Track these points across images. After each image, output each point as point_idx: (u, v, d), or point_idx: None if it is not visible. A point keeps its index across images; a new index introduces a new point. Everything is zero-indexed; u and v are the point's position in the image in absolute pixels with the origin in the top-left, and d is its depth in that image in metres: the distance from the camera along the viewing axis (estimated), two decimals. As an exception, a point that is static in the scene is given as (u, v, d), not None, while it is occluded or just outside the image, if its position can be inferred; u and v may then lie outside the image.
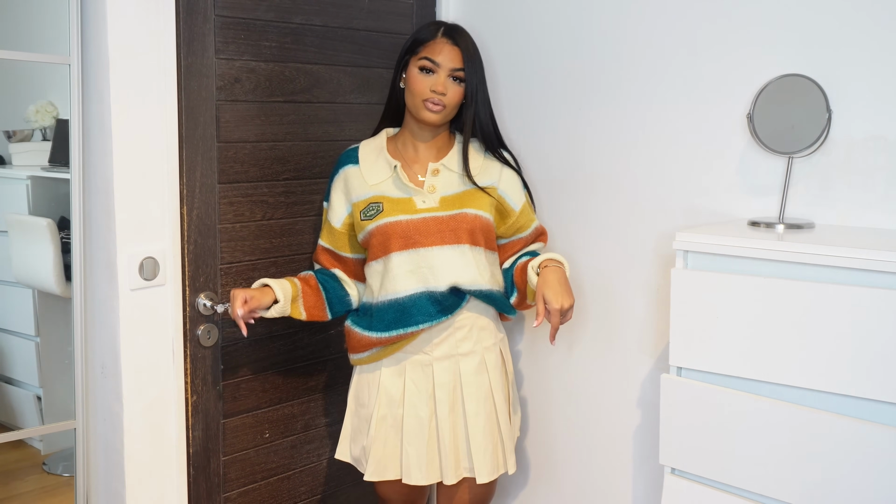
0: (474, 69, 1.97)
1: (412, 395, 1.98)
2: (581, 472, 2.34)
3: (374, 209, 1.96)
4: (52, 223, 2.02)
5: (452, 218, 1.96)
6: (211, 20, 1.97)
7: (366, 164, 2.02)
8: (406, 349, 1.99)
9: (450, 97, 1.95)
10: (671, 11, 2.04)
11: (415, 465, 1.98)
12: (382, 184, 1.99)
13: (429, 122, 1.96)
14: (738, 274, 1.65)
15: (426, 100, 1.94)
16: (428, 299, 1.94)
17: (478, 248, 1.98)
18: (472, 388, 1.99)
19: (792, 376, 1.60)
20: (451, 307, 1.96)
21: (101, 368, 1.95)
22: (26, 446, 2.09)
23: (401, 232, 1.94)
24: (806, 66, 1.81)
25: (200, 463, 2.08)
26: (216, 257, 2.04)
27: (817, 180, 1.84)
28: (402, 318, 1.94)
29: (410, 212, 1.95)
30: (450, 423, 1.98)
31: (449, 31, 1.98)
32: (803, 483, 1.58)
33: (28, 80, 2.04)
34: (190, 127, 1.96)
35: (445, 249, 1.94)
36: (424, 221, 1.94)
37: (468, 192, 2.00)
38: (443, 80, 1.94)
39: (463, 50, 1.96)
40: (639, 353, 2.17)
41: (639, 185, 2.13)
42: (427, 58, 1.95)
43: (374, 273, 2.01)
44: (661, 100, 2.07)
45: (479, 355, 2.01)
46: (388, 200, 1.97)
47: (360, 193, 2.00)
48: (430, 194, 1.98)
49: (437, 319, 1.94)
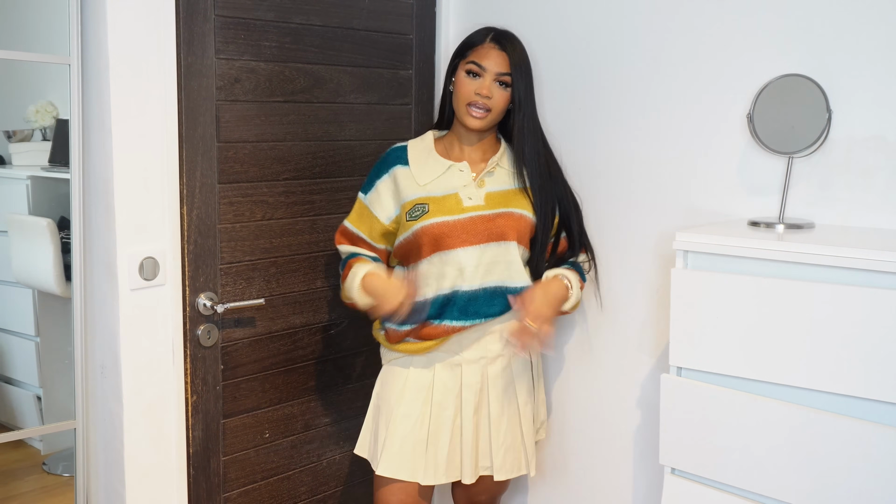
0: (521, 74, 1.97)
1: (440, 394, 2.00)
2: (581, 472, 2.34)
3: (419, 210, 1.97)
4: (52, 223, 2.02)
5: (498, 216, 1.97)
6: (211, 20, 1.97)
7: (416, 165, 2.02)
8: (438, 350, 2.00)
9: (495, 101, 1.96)
10: (671, 12, 2.03)
11: (433, 465, 1.99)
12: (431, 184, 2.00)
13: (472, 128, 1.98)
14: (738, 274, 1.65)
15: (470, 103, 1.95)
16: (471, 297, 1.95)
17: (521, 247, 2.00)
18: (498, 391, 2.02)
19: (792, 376, 1.60)
20: (496, 310, 1.97)
21: (101, 368, 1.95)
22: (26, 446, 2.09)
23: (448, 231, 1.95)
24: (806, 66, 1.81)
25: (200, 463, 2.08)
26: (216, 257, 2.04)
27: (817, 180, 1.84)
28: (442, 312, 1.96)
29: (456, 211, 1.96)
30: (473, 424, 2.00)
31: (497, 36, 2.00)
32: (803, 483, 1.58)
33: (28, 80, 2.04)
34: (190, 127, 1.96)
35: (492, 247, 1.96)
36: (471, 220, 1.96)
37: (514, 191, 2.02)
38: (488, 83, 1.95)
39: (510, 54, 1.97)
40: (639, 353, 2.17)
41: (639, 185, 2.13)
42: (474, 62, 1.96)
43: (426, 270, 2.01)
44: (661, 100, 2.07)
45: (506, 358, 2.03)
46: (434, 201, 1.97)
47: (409, 193, 2.00)
48: (478, 189, 1.99)
49: (473, 321, 1.96)
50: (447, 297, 1.96)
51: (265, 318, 2.16)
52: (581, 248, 2.10)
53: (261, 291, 2.14)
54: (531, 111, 2.01)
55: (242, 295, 2.11)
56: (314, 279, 2.26)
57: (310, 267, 2.24)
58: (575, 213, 2.08)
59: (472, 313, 1.95)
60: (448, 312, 1.95)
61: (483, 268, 1.95)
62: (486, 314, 1.97)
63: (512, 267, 1.97)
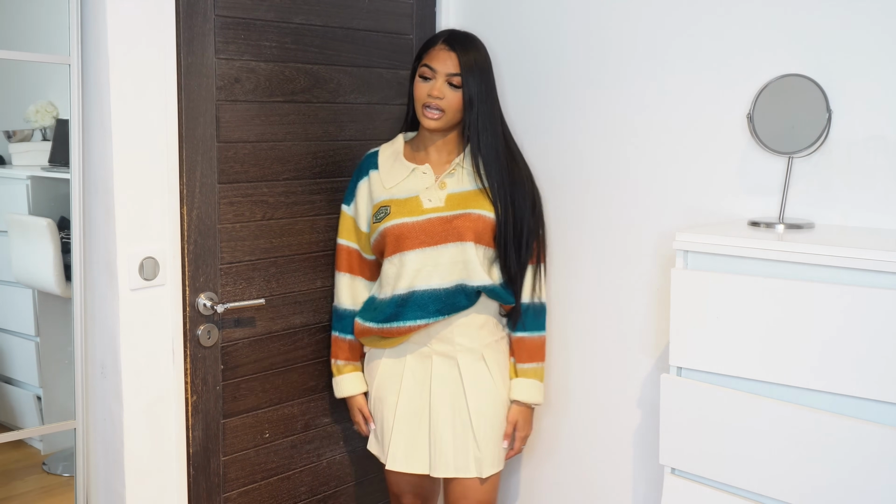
0: (471, 74, 1.99)
1: (409, 383, 2.06)
2: (581, 472, 2.34)
3: (383, 212, 2.04)
4: (52, 223, 2.02)
5: (456, 217, 2.00)
6: (211, 20, 1.97)
7: (384, 169, 2.09)
8: (408, 341, 2.06)
9: (447, 102, 2.00)
10: (671, 12, 2.03)
11: (400, 452, 2.06)
12: (395, 186, 2.05)
13: (429, 128, 2.03)
14: (738, 274, 1.65)
15: (424, 105, 2.00)
16: (429, 297, 1.99)
17: (480, 246, 2.02)
18: (473, 386, 2.05)
19: (792, 376, 1.60)
20: (455, 306, 2.01)
21: (101, 368, 1.95)
22: (26, 446, 2.08)
23: (406, 233, 2.00)
24: (806, 66, 1.81)
25: (200, 463, 2.08)
26: (216, 257, 2.04)
27: (817, 180, 1.83)
28: (400, 312, 2.01)
29: (416, 213, 2.01)
30: (444, 416, 2.04)
31: (449, 38, 2.03)
32: (803, 483, 1.58)
33: (28, 80, 2.03)
34: (190, 127, 1.96)
35: (449, 248, 1.99)
36: (430, 222, 2.00)
37: (474, 192, 2.04)
38: (438, 85, 1.99)
39: (459, 55, 1.99)
40: (639, 353, 2.17)
41: (639, 185, 2.13)
42: (426, 64, 2.01)
43: (384, 271, 2.07)
44: (661, 100, 2.07)
45: (477, 352, 2.06)
46: (396, 203, 2.03)
47: (376, 196, 2.08)
48: (440, 190, 2.03)
49: (434, 318, 2.00)
50: (403, 297, 2.01)
51: (265, 318, 2.16)
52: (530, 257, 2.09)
53: (261, 291, 2.14)
54: (487, 109, 2.02)
55: (242, 295, 2.11)
56: (314, 279, 2.26)
57: (310, 267, 2.24)
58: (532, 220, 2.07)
59: (432, 311, 2.00)
60: (405, 312, 2.01)
61: (443, 267, 2.00)
62: (448, 311, 2.01)
63: (469, 266, 2.00)
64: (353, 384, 2.19)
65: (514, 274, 2.07)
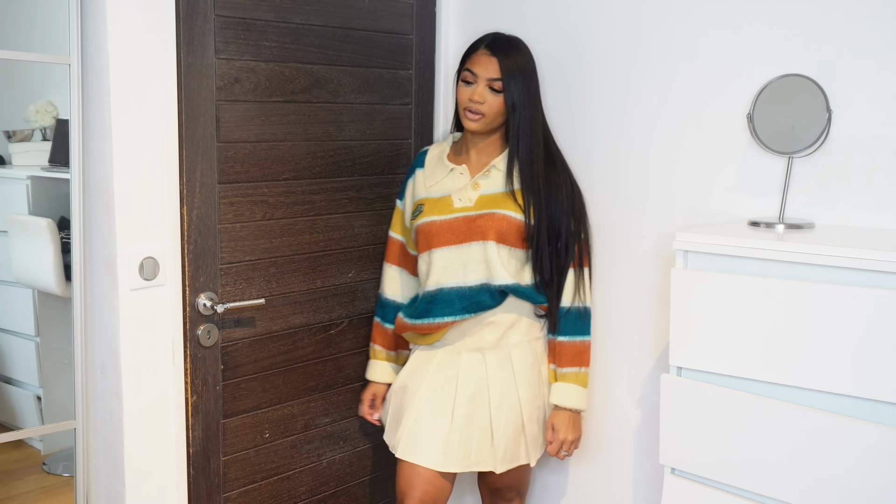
0: (512, 79, 2.01)
1: (436, 376, 2.09)
2: (581, 472, 2.34)
3: (418, 210, 2.13)
4: (52, 223, 2.02)
5: (480, 217, 2.04)
6: (211, 20, 1.97)
7: (428, 167, 2.18)
8: (442, 338, 2.10)
9: (487, 106, 2.03)
10: (671, 12, 2.03)
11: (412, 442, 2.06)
12: (434, 185, 2.12)
13: (470, 129, 2.07)
14: (738, 274, 1.65)
15: (465, 108, 2.04)
16: (456, 294, 2.05)
17: (504, 246, 2.04)
18: (497, 382, 2.07)
19: (792, 376, 1.60)
20: (481, 305, 2.04)
21: (101, 368, 1.95)
22: (26, 446, 2.09)
23: (435, 230, 2.07)
24: (806, 66, 1.81)
25: (200, 463, 2.08)
26: (216, 257, 2.04)
27: (817, 180, 1.84)
28: (429, 309, 2.07)
29: (445, 212, 2.07)
30: (468, 413, 2.05)
31: (492, 42, 2.05)
32: (803, 483, 1.58)
33: (28, 80, 2.03)
34: (190, 127, 1.96)
35: (473, 246, 2.04)
36: (456, 221, 2.05)
37: (504, 194, 2.07)
38: (480, 90, 2.02)
39: (500, 60, 2.02)
40: (639, 353, 2.17)
41: (639, 185, 2.13)
42: (468, 69, 2.05)
43: (419, 268, 2.17)
44: (661, 100, 2.07)
45: (505, 350, 2.08)
46: (430, 201, 2.10)
47: (417, 194, 2.17)
48: (472, 191, 2.07)
49: (461, 315, 2.04)
50: (433, 293, 2.07)
51: (265, 318, 2.16)
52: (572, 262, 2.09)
53: (261, 291, 2.14)
54: (529, 114, 2.04)
55: (242, 295, 2.11)
56: (314, 279, 2.26)
57: (310, 267, 2.24)
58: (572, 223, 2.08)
59: (458, 309, 2.04)
60: (434, 309, 2.06)
61: (469, 266, 2.04)
62: (474, 309, 2.04)
63: (491, 265, 2.03)
64: (380, 371, 2.28)
65: (550, 277, 2.06)
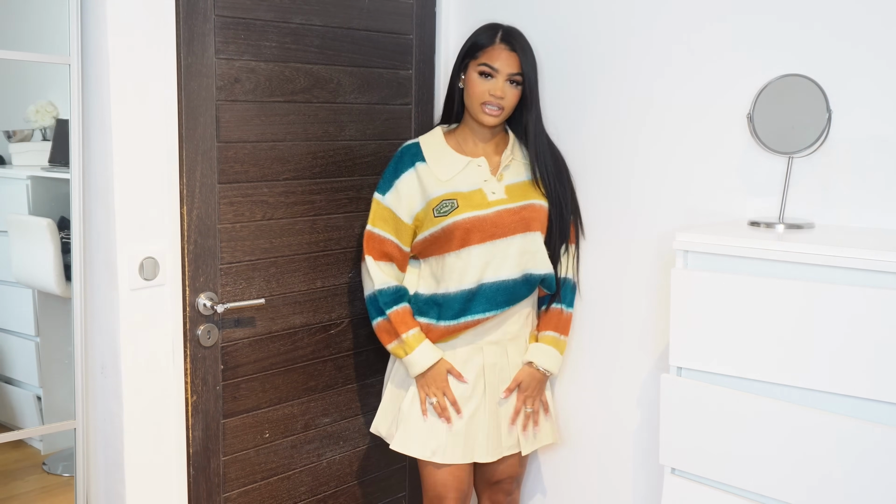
0: (531, 73, 2.06)
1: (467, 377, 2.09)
2: (581, 472, 2.34)
3: (448, 206, 2.04)
4: (52, 223, 2.02)
5: (524, 208, 2.07)
6: (211, 20, 1.97)
7: (433, 161, 2.09)
8: (464, 334, 2.09)
9: (507, 101, 2.05)
10: (671, 11, 2.03)
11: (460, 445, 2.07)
12: (453, 179, 2.07)
13: (487, 125, 2.07)
14: (738, 274, 1.65)
15: (484, 103, 2.04)
16: (497, 289, 2.04)
17: (541, 235, 2.10)
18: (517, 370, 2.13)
19: (792, 376, 1.60)
20: (518, 297, 2.08)
21: (101, 368, 1.95)
22: (26, 446, 2.09)
23: (477, 226, 2.03)
24: (806, 66, 1.81)
25: (200, 463, 2.08)
26: (216, 257, 2.04)
27: (817, 180, 1.83)
28: (468, 307, 2.05)
29: (483, 206, 2.04)
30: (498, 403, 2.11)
31: (506, 36, 2.06)
32: (803, 483, 1.58)
33: (28, 80, 2.03)
34: (190, 127, 1.96)
35: (517, 238, 2.05)
36: (498, 214, 2.05)
37: (528, 183, 2.11)
38: (501, 84, 2.04)
39: (520, 55, 2.04)
40: (639, 353, 2.17)
41: (639, 185, 2.13)
42: (486, 63, 2.04)
43: (446, 266, 2.07)
44: (661, 100, 2.07)
45: (522, 339, 2.15)
46: (462, 196, 2.05)
47: (434, 190, 2.07)
48: (498, 182, 2.08)
49: (501, 309, 2.06)
50: (472, 291, 2.04)
51: (265, 318, 2.16)
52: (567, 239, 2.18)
53: (261, 291, 2.14)
54: (538, 105, 2.10)
55: (242, 295, 2.11)
56: (314, 279, 2.26)
57: (310, 267, 2.24)
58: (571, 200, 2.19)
59: (500, 302, 2.05)
60: (474, 306, 2.05)
61: (512, 258, 2.05)
62: (513, 301, 2.07)
63: (537, 256, 2.08)
64: (430, 352, 2.06)
65: (559, 256, 2.15)
